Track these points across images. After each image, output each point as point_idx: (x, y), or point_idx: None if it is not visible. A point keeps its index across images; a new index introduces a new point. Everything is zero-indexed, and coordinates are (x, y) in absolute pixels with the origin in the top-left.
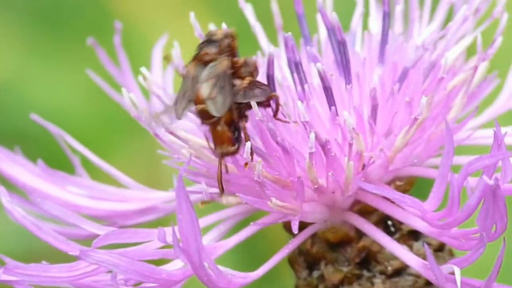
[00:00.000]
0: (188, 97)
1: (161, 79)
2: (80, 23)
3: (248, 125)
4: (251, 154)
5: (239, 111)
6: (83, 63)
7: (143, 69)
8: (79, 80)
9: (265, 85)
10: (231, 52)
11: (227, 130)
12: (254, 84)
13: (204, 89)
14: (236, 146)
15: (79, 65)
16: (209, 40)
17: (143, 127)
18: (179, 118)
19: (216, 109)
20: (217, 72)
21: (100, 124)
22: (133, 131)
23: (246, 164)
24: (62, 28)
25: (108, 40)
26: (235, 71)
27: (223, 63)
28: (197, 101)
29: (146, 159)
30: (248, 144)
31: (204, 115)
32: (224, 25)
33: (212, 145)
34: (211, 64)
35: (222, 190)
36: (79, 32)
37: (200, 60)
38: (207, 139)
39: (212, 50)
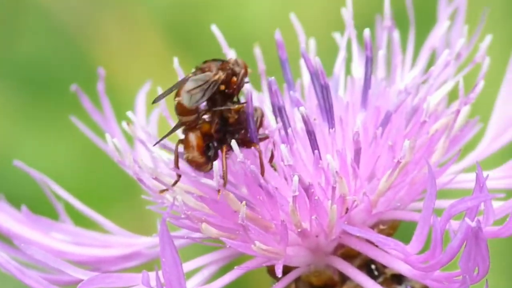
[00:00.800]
0: (173, 88)
1: (146, 125)
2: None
3: (232, 168)
4: (224, 180)
5: (221, 131)
6: (70, 128)
7: (129, 113)
8: (65, 144)
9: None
10: (232, 73)
11: (200, 138)
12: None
13: (189, 84)
14: (205, 160)
15: (65, 130)
16: (217, 59)
17: (132, 191)
18: (155, 101)
19: (188, 100)
20: (208, 78)
21: (88, 189)
22: (123, 196)
23: (218, 191)
24: (49, 93)
25: (95, 100)
26: (228, 89)
27: (218, 75)
28: (178, 93)
29: (136, 223)
30: (217, 169)
31: (179, 109)
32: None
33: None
34: (207, 72)
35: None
36: (67, 95)
37: (200, 70)
38: (176, 155)
39: (215, 64)
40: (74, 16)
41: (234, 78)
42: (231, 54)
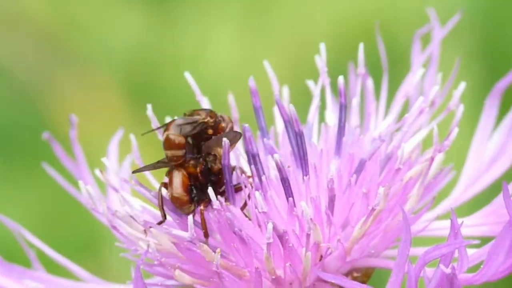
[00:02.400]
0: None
1: (119, 171)
2: (27, 145)
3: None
4: (205, 233)
5: (205, 175)
6: (32, 183)
7: (103, 159)
8: (27, 200)
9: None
10: (220, 122)
11: (186, 177)
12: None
13: (178, 120)
14: (189, 199)
15: (27, 185)
16: (205, 110)
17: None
18: (153, 130)
19: (178, 131)
20: (197, 119)
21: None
22: (84, 253)
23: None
24: (7, 150)
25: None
26: (215, 135)
27: (207, 118)
28: (167, 128)
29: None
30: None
31: (168, 143)
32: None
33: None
34: (195, 116)
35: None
36: (25, 153)
37: (189, 115)
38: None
39: (203, 111)
40: (33, 73)
41: (223, 125)
42: (204, 102)
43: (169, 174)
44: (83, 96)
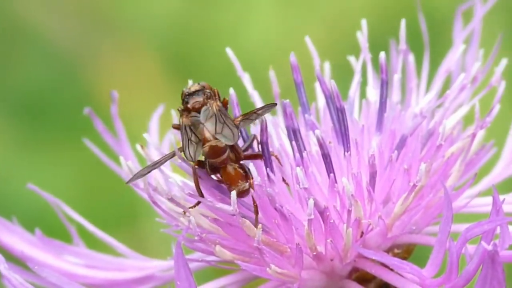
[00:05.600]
0: (195, 140)
1: (159, 147)
2: (67, 116)
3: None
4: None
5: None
6: (70, 155)
7: (145, 135)
8: (65, 172)
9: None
10: (216, 96)
11: (238, 167)
12: (248, 116)
13: (209, 127)
14: (248, 182)
15: (66, 157)
16: (191, 93)
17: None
18: (193, 160)
19: (228, 139)
20: (213, 112)
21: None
22: (122, 228)
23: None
24: (48, 120)
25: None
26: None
27: (215, 104)
28: (205, 140)
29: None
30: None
31: (214, 152)
32: (190, 81)
33: (226, 187)
34: (203, 108)
35: (201, 195)
36: (64, 124)
37: (193, 109)
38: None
39: (199, 98)
40: (73, 43)
41: (224, 100)
42: (245, 77)
43: (223, 175)
44: (124, 67)
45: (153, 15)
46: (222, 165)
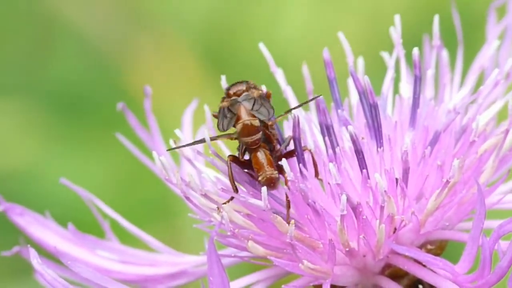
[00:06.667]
0: (230, 115)
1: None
2: (102, 111)
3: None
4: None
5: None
6: (103, 150)
7: (176, 131)
8: (98, 167)
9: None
10: (260, 89)
11: (268, 153)
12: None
13: (247, 105)
14: (277, 173)
15: (98, 152)
16: (234, 84)
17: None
18: (224, 129)
19: (263, 116)
20: (254, 96)
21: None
22: (155, 223)
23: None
24: (82, 114)
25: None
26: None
27: (256, 92)
28: (239, 118)
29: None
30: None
31: (248, 131)
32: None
33: (255, 175)
34: (245, 93)
35: (235, 190)
36: (99, 116)
37: (234, 95)
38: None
39: (242, 87)
40: (108, 37)
41: (269, 92)
42: (278, 73)
43: (253, 158)
44: (160, 62)
45: (189, 10)
46: (253, 146)
